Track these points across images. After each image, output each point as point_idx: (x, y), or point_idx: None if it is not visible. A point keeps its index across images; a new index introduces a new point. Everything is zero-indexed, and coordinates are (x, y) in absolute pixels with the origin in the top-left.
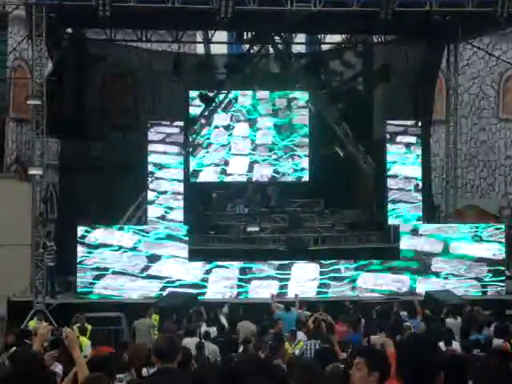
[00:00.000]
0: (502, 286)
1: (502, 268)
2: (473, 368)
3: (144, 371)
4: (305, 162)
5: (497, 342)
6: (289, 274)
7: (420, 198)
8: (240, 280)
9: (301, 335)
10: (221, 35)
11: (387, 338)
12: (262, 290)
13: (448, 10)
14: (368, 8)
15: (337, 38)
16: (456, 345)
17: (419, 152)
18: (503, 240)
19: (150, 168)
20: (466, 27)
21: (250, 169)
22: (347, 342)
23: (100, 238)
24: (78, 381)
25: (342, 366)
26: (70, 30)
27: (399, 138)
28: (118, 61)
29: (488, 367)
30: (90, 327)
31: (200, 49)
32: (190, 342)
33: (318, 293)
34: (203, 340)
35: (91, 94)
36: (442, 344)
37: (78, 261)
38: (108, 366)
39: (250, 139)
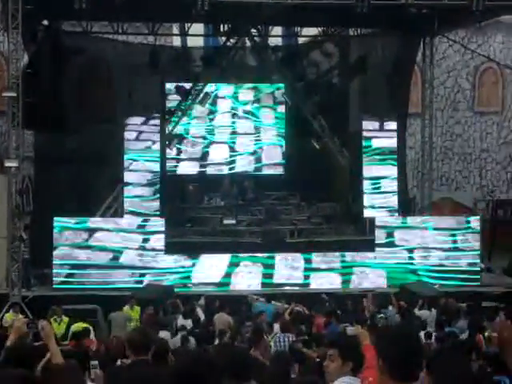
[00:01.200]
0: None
1: None
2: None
3: (118, 363)
4: (281, 155)
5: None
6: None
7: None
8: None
9: (277, 327)
10: (197, 28)
11: (363, 329)
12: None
13: (424, 4)
14: (344, 1)
15: (313, 30)
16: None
17: (394, 144)
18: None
19: (127, 160)
20: (442, 20)
21: (229, 162)
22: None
23: (75, 229)
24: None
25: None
26: (45, 23)
27: (375, 132)
28: (94, 53)
29: (447, 360)
30: (66, 319)
31: (176, 41)
32: (165, 335)
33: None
34: (179, 332)
35: (67, 87)
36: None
37: (53, 253)
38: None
39: (228, 132)
